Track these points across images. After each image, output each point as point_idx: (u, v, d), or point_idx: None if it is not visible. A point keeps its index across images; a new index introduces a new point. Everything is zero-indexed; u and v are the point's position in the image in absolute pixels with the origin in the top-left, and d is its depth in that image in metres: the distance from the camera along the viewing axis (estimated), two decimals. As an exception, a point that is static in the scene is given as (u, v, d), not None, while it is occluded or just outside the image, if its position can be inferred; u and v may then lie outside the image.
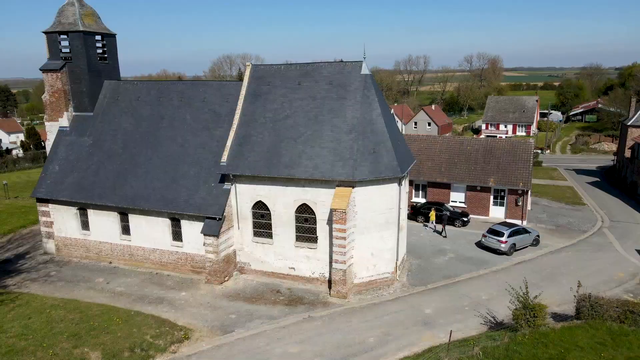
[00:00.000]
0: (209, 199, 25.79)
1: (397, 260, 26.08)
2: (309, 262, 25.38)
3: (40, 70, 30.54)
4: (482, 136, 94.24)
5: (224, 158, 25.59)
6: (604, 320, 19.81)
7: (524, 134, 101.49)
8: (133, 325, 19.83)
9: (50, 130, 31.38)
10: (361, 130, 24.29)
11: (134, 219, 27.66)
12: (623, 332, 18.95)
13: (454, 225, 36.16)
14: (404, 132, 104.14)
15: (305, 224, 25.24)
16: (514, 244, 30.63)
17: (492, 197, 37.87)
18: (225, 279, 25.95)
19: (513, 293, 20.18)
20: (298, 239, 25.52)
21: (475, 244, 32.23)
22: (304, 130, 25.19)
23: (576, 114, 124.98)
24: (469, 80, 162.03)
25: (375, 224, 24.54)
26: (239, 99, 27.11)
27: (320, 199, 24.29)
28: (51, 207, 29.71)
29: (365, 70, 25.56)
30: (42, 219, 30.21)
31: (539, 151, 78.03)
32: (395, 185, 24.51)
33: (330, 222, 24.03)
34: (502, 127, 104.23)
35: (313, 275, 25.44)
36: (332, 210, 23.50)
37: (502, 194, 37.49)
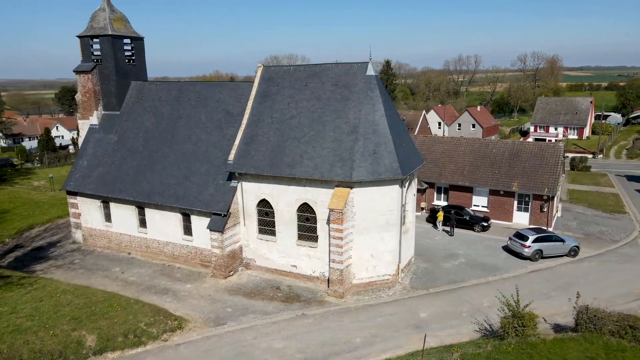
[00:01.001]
0: (216, 196, 26.75)
1: (399, 262, 25.90)
2: (310, 261, 25.74)
3: (73, 71, 32.78)
4: (530, 139, 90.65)
5: (231, 156, 26.45)
6: (602, 334, 18.85)
7: (575, 137, 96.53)
8: (130, 312, 21.02)
9: (82, 128, 33.61)
10: (362, 131, 24.36)
11: (149, 213, 29.14)
12: (620, 348, 17.98)
13: (473, 230, 35.28)
14: (445, 134, 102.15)
15: (307, 223, 25.63)
16: (540, 251, 29.46)
17: (515, 202, 36.58)
18: (230, 273, 26.81)
19: (504, 301, 19.57)
20: (300, 237, 25.96)
21: (502, 247, 31.33)
22: (308, 130, 25.58)
23: (637, 117, 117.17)
24: (522, 81, 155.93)
25: (375, 225, 24.53)
26: (252, 99, 27.91)
27: (320, 199, 24.59)
28: (79, 200, 31.85)
29: (370, 71, 25.60)
30: (71, 210, 32.45)
31: (591, 155, 74.06)
32: (397, 187, 24.36)
33: (329, 221, 24.27)
34: (552, 129, 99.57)
35: (314, 274, 25.77)
36: (329, 210, 23.74)
37: (527, 199, 36.11)
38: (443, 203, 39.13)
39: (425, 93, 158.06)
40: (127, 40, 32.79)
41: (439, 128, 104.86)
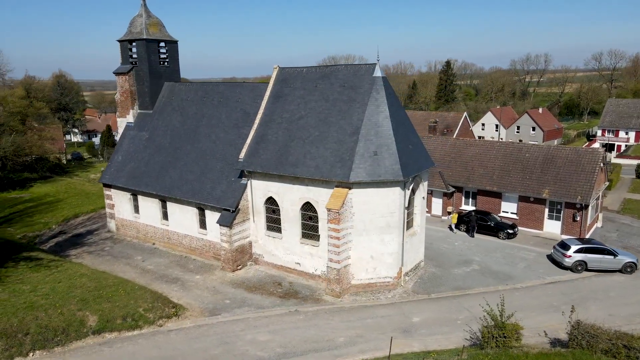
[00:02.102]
0: (227, 192, 27.93)
1: (402, 265, 25.69)
2: (312, 259, 26.19)
3: (113, 73, 35.45)
4: (596, 144, 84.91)
5: (242, 155, 27.51)
6: (593, 352, 17.76)
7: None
8: (132, 297, 22.59)
9: (120, 125, 36.25)
10: (364, 132, 24.44)
11: (170, 207, 30.94)
12: (609, 368, 16.88)
13: (497, 237, 34.00)
14: (502, 138, 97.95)
15: (310, 222, 26.11)
16: (584, 262, 27.83)
17: (547, 210, 34.76)
18: (238, 267, 27.88)
19: (487, 309, 18.95)
20: (303, 236, 26.50)
21: (547, 256, 30.19)
22: (313, 131, 26.04)
23: None
24: (596, 81, 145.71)
25: (375, 227, 24.52)
26: (266, 99, 28.84)
27: (322, 199, 24.97)
28: (113, 192, 34.42)
29: (377, 72, 25.59)
30: (107, 201, 35.14)
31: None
32: (398, 189, 24.19)
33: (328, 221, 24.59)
34: (622, 134, 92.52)
35: (315, 273, 26.20)
36: (327, 210, 24.08)
37: (559, 207, 34.22)
38: (471, 208, 37.98)
39: (488, 94, 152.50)
40: (162, 44, 34.90)
41: (496, 131, 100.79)
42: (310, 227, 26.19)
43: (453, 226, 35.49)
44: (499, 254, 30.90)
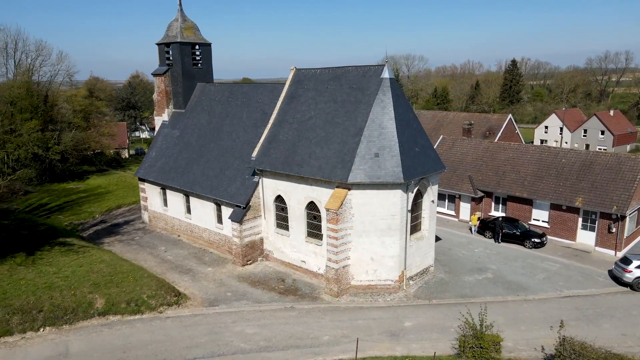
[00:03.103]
0: (241, 189, 28.99)
1: (404, 269, 25.40)
2: (316, 258, 26.56)
3: (151, 74, 37.83)
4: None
5: (254, 153, 28.45)
6: (578, 371, 16.74)
7: None
8: (139, 284, 24.18)
9: (157, 124, 38.61)
10: (367, 133, 24.43)
11: (192, 201, 32.58)
12: (591, 390, 15.87)
13: (523, 245, 32.46)
14: (567, 143, 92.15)
15: (314, 221, 26.51)
16: None
17: (580, 220, 32.65)
18: (248, 262, 28.86)
19: (468, 317, 18.40)
20: (308, 234, 26.93)
21: (608, 271, 28.31)
22: (320, 131, 26.40)
23: None
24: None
25: (375, 229, 24.46)
26: (282, 100, 29.61)
27: (324, 198, 25.28)
28: (146, 186, 36.78)
29: (385, 74, 25.46)
30: (141, 194, 37.60)
31: None
32: (399, 191, 23.96)
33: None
34: None
35: (319, 271, 26.55)
36: (326, 210, 24.37)
37: (593, 217, 32.03)
38: (501, 214, 36.50)
39: (558, 95, 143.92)
40: (196, 47, 36.74)
41: (560, 134, 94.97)
42: (314, 226, 26.58)
43: (473, 228, 34.62)
44: (518, 264, 29.54)
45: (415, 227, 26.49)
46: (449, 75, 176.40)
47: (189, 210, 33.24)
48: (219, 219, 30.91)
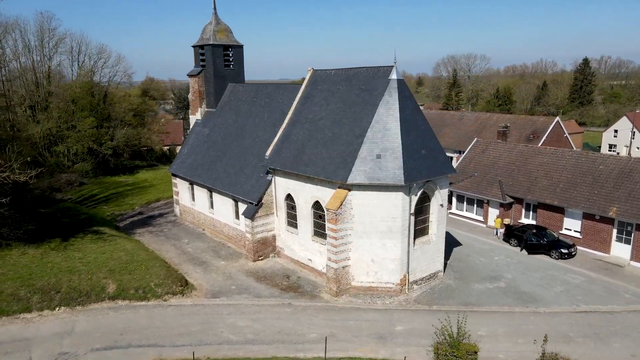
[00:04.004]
0: (255, 187, 29.89)
1: (407, 273, 25.07)
2: (321, 257, 26.83)
3: (187, 75, 39.84)
4: None
5: (268, 152, 29.23)
6: (557, 389, 15.88)
7: None
8: (148, 273, 25.68)
9: (191, 122, 40.58)
10: (371, 134, 24.37)
11: (215, 197, 33.97)
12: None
13: (549, 256, 30.78)
14: (639, 148, 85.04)
15: (320, 220, 26.80)
16: None
17: (615, 231, 30.41)
18: (260, 258, 29.69)
19: (444, 325, 17.95)
20: (315, 233, 27.28)
21: None
22: (328, 132, 26.66)
23: None
24: None
25: (375, 230, 24.35)
26: (298, 100, 30.19)
27: (327, 198, 25.49)
28: (178, 181, 38.78)
29: (393, 75, 25.25)
30: (174, 189, 39.68)
31: None
32: (400, 194, 23.69)
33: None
34: None
35: (323, 270, 26.74)
36: (326, 209, 24.61)
37: (629, 229, 29.72)
38: (531, 222, 34.77)
39: (636, 95, 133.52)
40: (228, 48, 38.19)
41: (632, 138, 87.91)
42: (320, 226, 26.87)
43: (497, 232, 33.44)
44: (538, 274, 28.08)
45: (422, 231, 26.02)
46: (518, 75, 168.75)
47: (212, 206, 34.68)
48: (237, 215, 32.01)
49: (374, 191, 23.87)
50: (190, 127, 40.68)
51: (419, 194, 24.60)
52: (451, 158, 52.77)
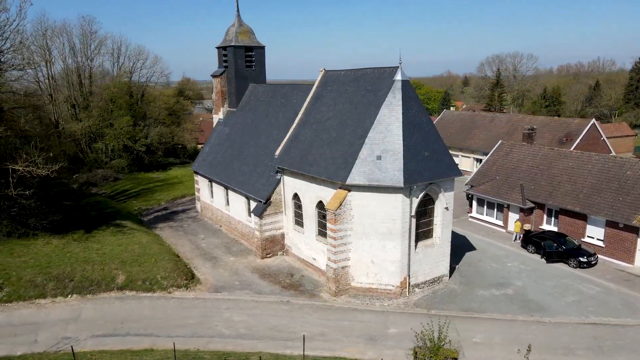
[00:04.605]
0: (265, 185, 30.43)
1: (408, 275, 24.83)
2: (324, 257, 26.93)
3: (210, 76, 41.02)
4: None
5: (277, 152, 29.70)
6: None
7: None
8: (156, 265, 26.71)
9: (215, 121, 41.75)
10: (372, 135, 24.30)
11: (230, 194, 34.82)
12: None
13: (567, 264, 29.50)
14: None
15: (323, 220, 26.96)
16: None
17: (639, 241, 28.76)
18: (268, 255, 30.21)
19: (426, 329, 17.69)
20: (319, 233, 27.47)
21: None
22: (333, 132, 26.80)
23: None
24: None
25: (375, 232, 24.27)
26: (309, 101, 30.49)
27: (329, 199, 25.63)
28: (199, 178, 40.01)
29: (398, 76, 25.05)
30: (195, 186, 40.96)
31: None
32: (400, 195, 23.49)
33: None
34: None
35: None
36: (326, 209, 24.75)
37: (655, 238, 28.03)
38: (553, 228, 33.43)
39: None
40: (251, 49, 39.00)
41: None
42: (324, 225, 27.00)
43: (517, 236, 32.45)
44: (551, 283, 26.99)
45: (426, 234, 25.69)
46: (572, 75, 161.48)
47: (228, 203, 35.57)
48: (249, 213, 32.67)
49: (374, 192, 23.79)
50: (214, 126, 41.82)
51: (420, 196, 24.28)
52: (480, 160, 51.40)
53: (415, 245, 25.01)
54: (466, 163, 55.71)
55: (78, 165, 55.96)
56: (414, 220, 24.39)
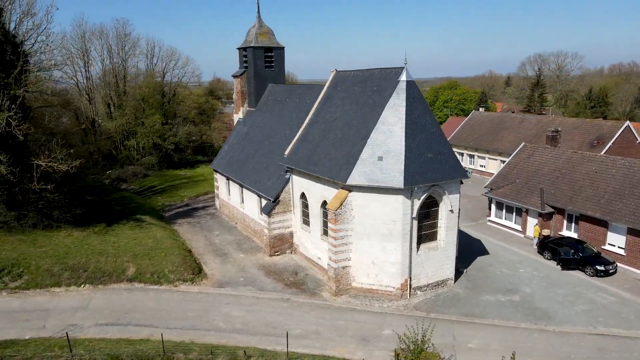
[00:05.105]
0: (275, 184, 30.87)
1: (409, 278, 24.62)
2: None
3: (231, 76, 41.90)
4: None
5: (287, 152, 30.06)
6: (516, 411, 14.97)
7: None
8: (165, 259, 27.57)
9: (234, 121, 42.64)
10: (375, 136, 24.24)
11: (244, 192, 35.48)
12: None
13: (583, 272, 28.37)
14: None
15: (327, 220, 27.07)
16: None
17: (662, 250, 27.30)
18: (276, 253, 30.63)
19: (410, 332, 17.52)
20: (323, 232, 27.62)
21: None
22: (338, 133, 26.90)
23: None
24: None
25: (376, 233, 24.20)
26: (320, 101, 30.71)
27: (331, 198, 25.74)
28: (218, 176, 40.96)
29: (403, 76, 24.87)
30: (215, 184, 41.95)
31: None
32: (401, 197, 23.32)
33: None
34: None
35: (330, 269, 27.08)
36: (327, 209, 24.88)
37: (679, 248, 26.54)
38: (573, 234, 32.19)
39: None
40: (270, 50, 39.59)
41: None
42: (328, 225, 27.12)
43: (537, 240, 31.53)
44: (562, 291, 26.06)
45: (429, 236, 25.37)
46: (624, 74, 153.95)
47: (242, 200, 36.27)
48: (260, 211, 33.19)
49: (374, 193, 23.72)
50: (234, 125, 42.71)
51: (422, 198, 23.99)
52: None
53: (418, 248, 24.75)
54: (493, 165, 54.35)
55: (111, 162, 58.48)
56: (415, 222, 24.15)
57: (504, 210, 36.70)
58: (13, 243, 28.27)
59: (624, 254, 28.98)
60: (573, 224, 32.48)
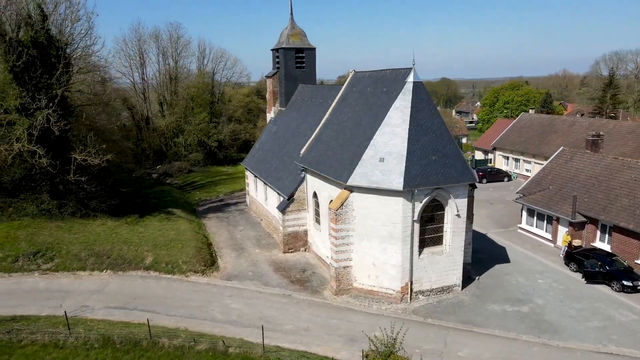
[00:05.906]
0: (292, 183, 31.49)
1: (409, 281, 24.29)
2: (335, 255, 27.33)
3: (264, 77, 43.06)
4: None
5: (302, 151, 30.57)
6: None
7: None
8: (180, 250, 28.98)
9: (267, 119, 43.80)
10: (378, 137, 24.14)
11: (268, 190, 36.40)
12: None
13: (609, 286, 26.52)
14: None
15: (335, 219, 27.26)
16: None
17: (700, 267, 24.90)
18: (290, 250, 31.23)
19: (382, 335, 17.39)
20: (331, 231, 27.84)
21: None
22: (347, 133, 27.02)
23: None
24: None
25: (376, 234, 24.08)
26: (337, 101, 30.97)
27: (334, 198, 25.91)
28: (248, 173, 42.25)
29: (410, 77, 24.56)
30: (246, 180, 43.29)
31: None
32: (402, 199, 23.06)
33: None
34: None
35: (336, 268, 27.26)
36: (329, 209, 25.09)
37: None
38: (606, 246, 30.11)
39: None
40: (301, 51, 40.31)
41: None
42: (335, 225, 27.32)
43: (564, 250, 30.01)
44: (579, 305, 24.51)
45: (433, 240, 24.85)
46: None
47: (266, 198, 37.23)
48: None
49: (375, 194, 23.62)
50: (267, 124, 43.85)
51: (424, 201, 23.55)
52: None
53: (420, 251, 24.32)
54: (538, 170, 51.50)
55: (162, 158, 61.95)
56: (417, 225, 23.76)
57: (535, 218, 34.94)
58: (51, 229, 30.95)
59: (659, 270, 26.73)
60: (606, 235, 30.35)
